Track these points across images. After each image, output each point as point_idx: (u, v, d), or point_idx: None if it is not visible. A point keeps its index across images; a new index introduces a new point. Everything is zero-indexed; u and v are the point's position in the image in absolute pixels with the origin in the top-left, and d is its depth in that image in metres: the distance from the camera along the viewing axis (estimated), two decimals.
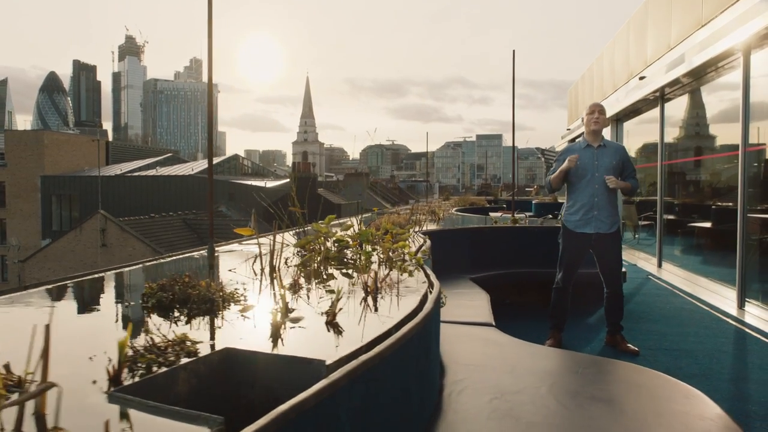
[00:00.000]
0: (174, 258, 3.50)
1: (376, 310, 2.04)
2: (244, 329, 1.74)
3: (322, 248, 3.39)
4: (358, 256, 3.21)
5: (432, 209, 9.25)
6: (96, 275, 2.79)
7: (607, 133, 13.13)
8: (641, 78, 9.67)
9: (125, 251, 27.03)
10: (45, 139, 43.39)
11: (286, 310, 1.94)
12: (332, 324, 1.78)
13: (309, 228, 3.62)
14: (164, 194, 39.07)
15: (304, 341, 1.65)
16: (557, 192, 4.83)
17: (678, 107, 8.95)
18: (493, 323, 3.50)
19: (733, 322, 5.36)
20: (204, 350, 1.49)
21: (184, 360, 1.42)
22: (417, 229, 5.11)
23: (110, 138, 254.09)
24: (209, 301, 2.05)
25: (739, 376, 3.86)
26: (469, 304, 4.08)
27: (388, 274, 2.83)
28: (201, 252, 3.71)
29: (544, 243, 5.81)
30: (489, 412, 2.10)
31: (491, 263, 5.77)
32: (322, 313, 1.87)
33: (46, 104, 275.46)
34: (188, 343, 1.56)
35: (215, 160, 51.83)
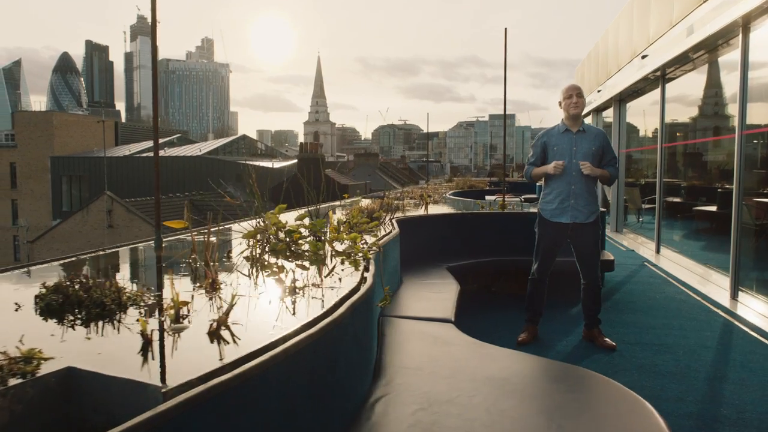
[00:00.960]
0: (115, 250, 3.34)
1: (293, 313, 1.86)
2: (111, 342, 1.56)
3: (272, 240, 3.22)
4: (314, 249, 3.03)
5: (424, 193, 9.04)
6: (17, 270, 2.64)
7: (610, 113, 12.77)
8: (643, 57, 9.31)
9: (131, 232, 27.11)
10: (54, 120, 43.51)
11: (176, 318, 1.76)
12: (215, 335, 1.60)
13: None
14: (172, 175, 39.09)
15: (170, 358, 1.47)
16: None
17: (680, 87, 8.60)
18: (452, 319, 3.31)
19: (724, 314, 5.13)
20: (49, 368, 1.33)
21: (13, 381, 1.25)
22: (391, 216, 4.90)
23: (123, 118, 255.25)
24: (100, 306, 1.88)
25: (718, 375, 3.65)
26: (434, 296, 3.89)
27: (332, 270, 2.65)
28: (150, 243, 3.55)
29: (528, 230, 5.59)
30: (407, 426, 1.92)
31: (472, 251, 5.56)
32: (212, 321, 1.69)
33: (59, 85, 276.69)
34: (35, 361, 1.40)
35: (224, 141, 51.88)
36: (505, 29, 7.63)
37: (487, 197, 10.20)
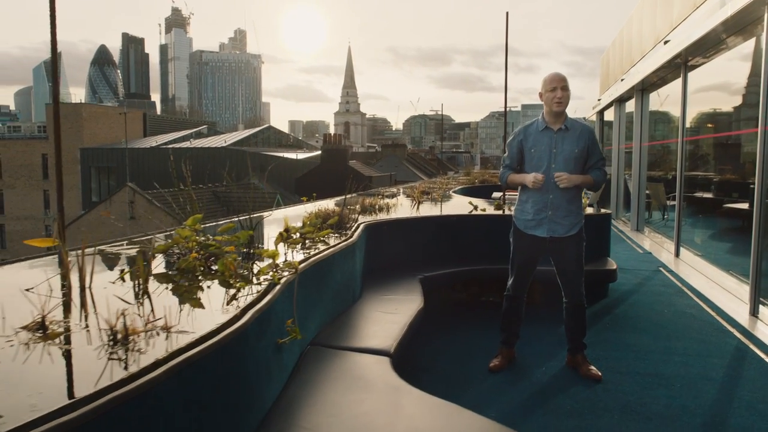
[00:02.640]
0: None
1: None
2: None
3: (189, 254, 2.77)
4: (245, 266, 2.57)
5: (425, 189, 8.48)
6: None
7: (630, 106, 11.95)
8: (666, 42, 8.55)
9: (152, 223, 27.23)
10: (84, 112, 44.18)
11: None
12: None
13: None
14: (195, 166, 39.18)
15: None
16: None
17: (703, 77, 7.84)
18: (390, 351, 2.80)
19: (739, 335, 4.48)
20: None
21: None
22: (351, 222, 4.40)
23: (158, 109, 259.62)
24: None
25: (717, 420, 3.06)
26: (385, 318, 3.39)
27: (236, 292, 2.20)
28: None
29: None
30: None
31: (454, 259, 5.03)
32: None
33: (97, 77, 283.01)
34: None
35: (249, 132, 51.97)
36: (507, 13, 7.03)
37: (495, 194, 9.57)
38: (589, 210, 5.92)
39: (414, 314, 3.50)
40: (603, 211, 5.80)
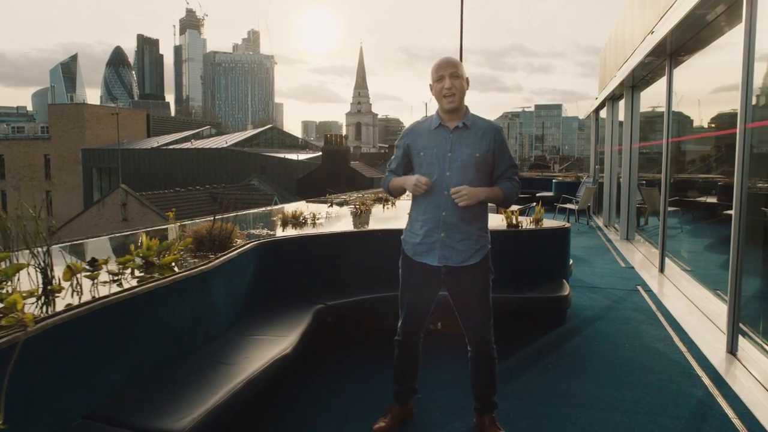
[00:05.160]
0: None
1: None
2: None
3: None
4: None
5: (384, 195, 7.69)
6: None
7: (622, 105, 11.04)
8: (652, 33, 7.70)
9: (144, 225, 26.73)
10: (85, 113, 43.96)
11: None
12: None
13: None
14: (195, 167, 38.81)
15: None
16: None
17: (690, 72, 6.97)
18: None
19: (709, 382, 3.64)
20: None
21: None
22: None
23: (172, 110, 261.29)
24: None
25: None
26: (222, 372, 2.61)
27: None
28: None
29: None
30: None
31: (374, 283, 4.24)
32: None
33: (112, 78, 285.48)
34: None
35: (251, 132, 51.45)
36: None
37: None
38: (547, 222, 5.10)
39: (264, 366, 2.71)
40: (559, 224, 4.96)
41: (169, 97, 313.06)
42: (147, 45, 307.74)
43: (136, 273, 2.85)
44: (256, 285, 3.76)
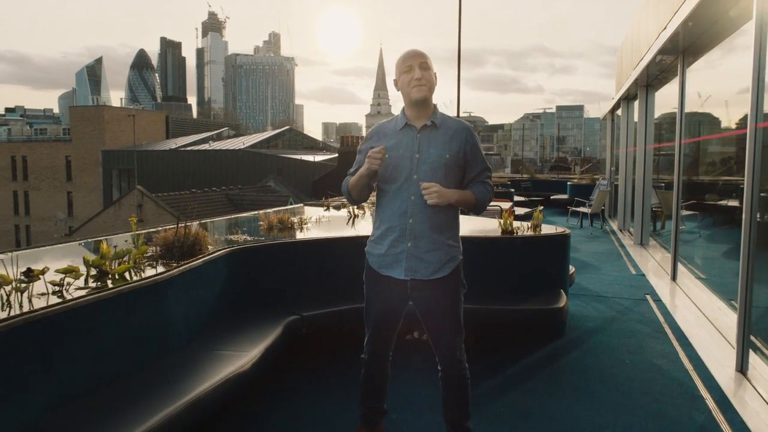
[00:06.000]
0: None
1: None
2: None
3: None
4: None
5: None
6: None
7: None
8: (665, 29, 7.35)
9: (159, 226, 26.86)
10: (105, 115, 44.48)
11: None
12: None
13: None
14: (211, 168, 38.98)
15: None
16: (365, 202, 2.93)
17: (703, 70, 6.62)
18: None
19: (714, 406, 3.33)
20: None
21: None
22: (236, 242, 3.43)
23: (194, 112, 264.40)
24: None
25: None
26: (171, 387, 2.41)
27: None
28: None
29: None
30: None
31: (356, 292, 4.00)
32: None
33: (136, 81, 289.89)
34: None
35: (268, 134, 51.61)
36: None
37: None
38: (547, 228, 4.81)
39: (214, 385, 2.50)
40: (559, 230, 4.68)
41: (191, 99, 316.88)
42: (170, 48, 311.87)
43: (86, 283, 2.66)
44: (227, 294, 3.55)
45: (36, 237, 43.76)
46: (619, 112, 13.50)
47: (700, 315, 5.24)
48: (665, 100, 9.50)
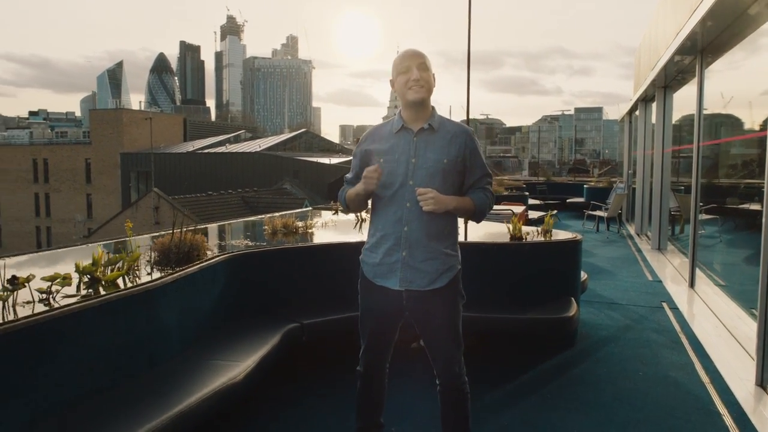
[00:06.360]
0: None
1: None
2: None
3: None
4: None
5: None
6: None
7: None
8: (683, 28, 7.15)
9: (203, 224, 27.01)
10: (124, 118, 44.97)
11: None
12: None
13: None
14: (228, 171, 39.19)
15: None
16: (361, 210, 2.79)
17: (723, 71, 6.41)
18: None
19: (731, 424, 3.17)
20: None
21: None
22: (236, 247, 3.36)
23: (213, 115, 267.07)
24: None
25: None
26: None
27: None
28: None
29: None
30: None
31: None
32: None
33: (156, 84, 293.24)
34: None
35: (284, 137, 51.77)
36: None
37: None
38: (560, 235, 4.66)
39: (202, 398, 2.41)
40: (570, 236, 4.52)
41: (210, 102, 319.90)
42: (189, 51, 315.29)
43: (78, 290, 2.59)
44: (224, 302, 3.47)
45: (56, 238, 44.37)
46: (636, 113, 13.25)
47: (719, 324, 5.04)
48: (684, 101, 9.27)
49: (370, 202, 2.55)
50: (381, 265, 2.39)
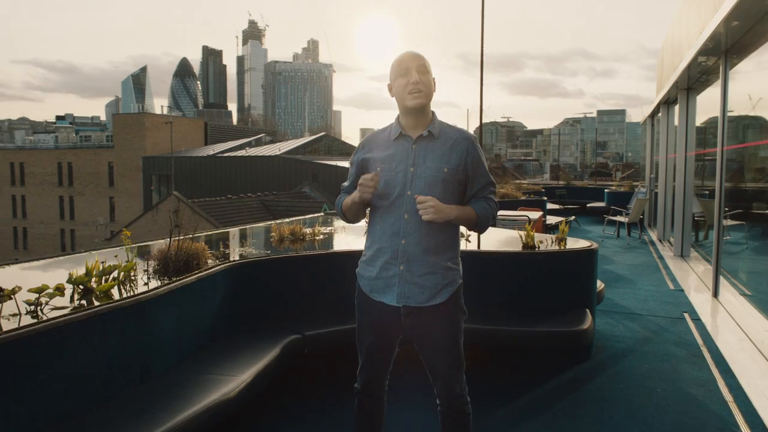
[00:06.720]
0: None
1: None
2: None
3: None
4: None
5: None
6: None
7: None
8: (706, 27, 6.92)
9: (209, 231, 27.22)
10: (146, 122, 45.52)
11: None
12: None
13: None
14: (247, 175, 39.42)
15: None
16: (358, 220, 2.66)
17: (750, 72, 6.17)
18: None
19: None
20: None
21: None
22: (237, 256, 3.27)
23: (235, 119, 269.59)
24: None
25: None
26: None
27: None
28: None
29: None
30: None
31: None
32: None
33: (179, 88, 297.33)
34: None
35: (304, 140, 51.93)
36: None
37: (500, 213, 8.08)
38: (577, 243, 4.49)
39: (189, 416, 2.31)
40: (586, 244, 4.35)
41: (232, 106, 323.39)
42: (211, 56, 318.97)
43: (71, 301, 2.52)
44: (224, 312, 3.38)
45: (80, 241, 45.08)
46: (659, 116, 12.94)
47: (744, 337, 4.82)
48: (708, 103, 8.99)
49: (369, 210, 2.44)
50: (378, 279, 2.28)
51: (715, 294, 6.29)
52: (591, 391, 3.68)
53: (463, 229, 2.77)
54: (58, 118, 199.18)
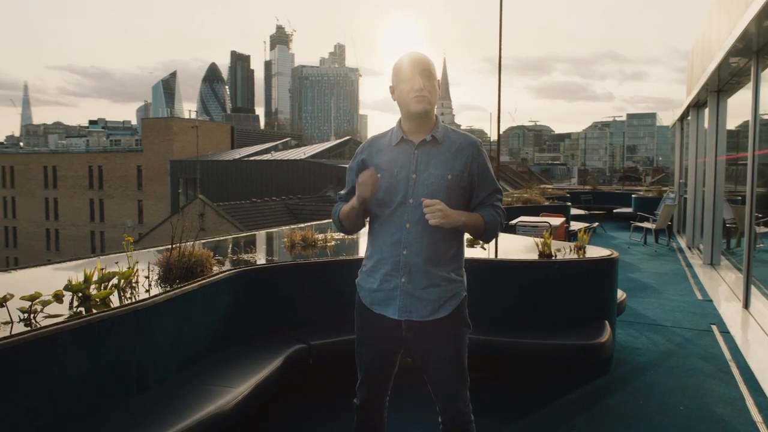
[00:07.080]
0: None
1: None
2: None
3: None
4: None
5: None
6: None
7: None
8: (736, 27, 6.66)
9: (219, 236, 27.48)
10: (174, 126, 46.21)
11: None
12: None
13: None
14: (273, 178, 39.69)
15: None
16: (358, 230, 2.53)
17: None
18: None
19: None
20: None
21: None
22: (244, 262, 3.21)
23: (262, 123, 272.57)
24: None
25: None
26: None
27: None
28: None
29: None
30: None
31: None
32: None
33: (207, 93, 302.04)
34: None
35: (329, 144, 52.14)
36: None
37: (521, 219, 7.91)
38: (597, 251, 4.32)
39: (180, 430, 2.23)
40: (606, 253, 4.17)
41: (259, 110, 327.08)
42: (239, 61, 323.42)
43: (70, 308, 2.47)
44: (227, 321, 3.31)
45: (110, 243, 45.94)
46: (688, 119, 12.58)
47: None
48: (739, 106, 8.67)
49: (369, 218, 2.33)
50: (379, 291, 2.17)
51: (746, 305, 6.02)
52: (610, 407, 3.51)
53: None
54: (91, 122, 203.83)
